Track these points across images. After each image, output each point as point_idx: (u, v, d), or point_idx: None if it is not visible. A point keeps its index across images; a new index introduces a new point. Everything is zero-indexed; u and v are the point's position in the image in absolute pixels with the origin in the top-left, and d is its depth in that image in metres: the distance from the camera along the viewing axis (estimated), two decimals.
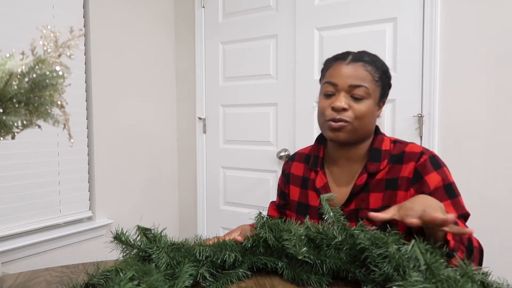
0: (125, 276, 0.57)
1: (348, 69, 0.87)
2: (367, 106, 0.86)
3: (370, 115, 0.88)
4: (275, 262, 0.75)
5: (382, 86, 0.90)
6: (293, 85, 1.94)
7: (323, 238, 0.71)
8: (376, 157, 0.89)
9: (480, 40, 1.51)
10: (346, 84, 0.86)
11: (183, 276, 0.64)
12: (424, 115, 1.62)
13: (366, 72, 0.86)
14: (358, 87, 0.85)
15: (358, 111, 0.86)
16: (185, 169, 2.35)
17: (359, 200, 0.89)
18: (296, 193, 1.01)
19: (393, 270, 0.59)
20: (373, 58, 0.90)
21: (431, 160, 0.85)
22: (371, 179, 0.89)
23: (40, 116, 0.51)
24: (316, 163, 0.98)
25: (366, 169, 0.89)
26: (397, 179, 0.86)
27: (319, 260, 0.70)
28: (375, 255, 0.63)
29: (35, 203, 1.63)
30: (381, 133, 0.95)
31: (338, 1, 1.80)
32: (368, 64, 0.87)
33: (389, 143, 0.92)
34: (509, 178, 1.49)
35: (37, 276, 0.80)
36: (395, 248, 0.61)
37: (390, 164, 0.88)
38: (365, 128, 0.89)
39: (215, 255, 0.73)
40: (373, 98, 0.87)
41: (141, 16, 2.09)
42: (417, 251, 0.58)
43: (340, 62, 0.89)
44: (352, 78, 0.86)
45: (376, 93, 0.89)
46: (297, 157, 1.06)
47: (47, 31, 0.50)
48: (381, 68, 0.90)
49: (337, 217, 0.74)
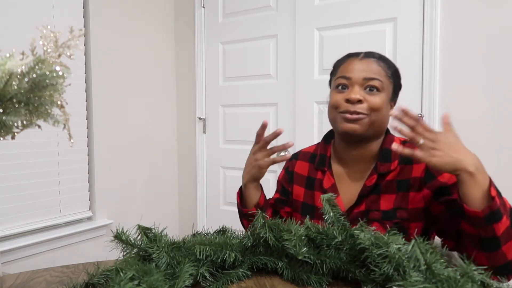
0: (125, 276, 0.57)
1: (361, 64, 0.88)
2: (382, 99, 0.86)
3: (385, 109, 0.87)
4: (275, 262, 0.75)
5: (394, 83, 0.90)
6: (293, 85, 1.94)
7: (323, 238, 0.71)
8: (386, 157, 0.88)
9: (480, 40, 1.51)
10: (360, 77, 0.86)
11: (183, 275, 0.64)
12: (424, 115, 1.62)
13: (379, 67, 0.87)
14: (372, 80, 0.86)
15: (373, 103, 0.85)
16: (185, 169, 2.35)
17: (369, 201, 0.87)
18: (300, 193, 0.99)
19: (393, 270, 0.59)
20: (384, 57, 0.92)
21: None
22: (382, 180, 0.87)
23: (40, 116, 0.51)
24: (323, 163, 0.96)
25: (376, 170, 0.87)
26: (409, 180, 0.85)
27: (319, 260, 0.69)
28: (375, 255, 0.62)
29: (35, 203, 1.63)
30: (391, 133, 0.94)
31: (338, 1, 1.80)
32: (380, 60, 0.89)
33: (399, 143, 0.90)
34: (509, 177, 1.49)
35: (37, 276, 0.80)
36: (395, 248, 0.61)
37: (401, 165, 0.87)
38: (381, 123, 0.88)
39: (215, 255, 0.72)
40: (386, 93, 0.87)
41: (141, 16, 2.09)
42: (417, 251, 0.58)
43: (353, 58, 0.90)
44: (366, 72, 0.86)
45: (389, 89, 0.89)
46: (301, 155, 1.04)
47: (47, 31, 0.50)
48: (393, 66, 0.91)
49: (337, 217, 0.74)
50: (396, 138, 0.92)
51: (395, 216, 0.84)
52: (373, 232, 0.67)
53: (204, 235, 0.81)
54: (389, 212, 0.85)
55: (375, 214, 0.86)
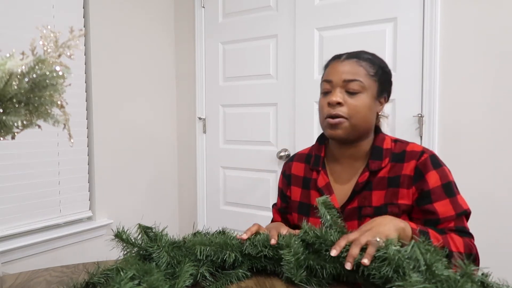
0: (125, 275, 0.57)
1: (342, 66, 0.90)
2: (363, 101, 0.88)
3: (367, 110, 0.89)
4: (274, 266, 0.75)
5: (379, 81, 0.91)
6: (293, 85, 1.94)
7: (322, 243, 0.70)
8: (377, 155, 0.91)
9: (480, 40, 1.51)
10: (340, 80, 0.88)
11: (183, 275, 0.64)
12: (424, 115, 1.61)
13: (361, 67, 0.89)
14: (352, 81, 0.88)
15: (353, 105, 0.87)
16: (185, 169, 2.35)
17: (361, 198, 0.90)
18: (297, 193, 1.01)
19: (393, 272, 0.59)
20: (370, 55, 0.93)
21: (432, 159, 0.87)
22: (373, 177, 0.89)
23: (40, 116, 0.51)
24: (318, 163, 0.98)
25: (368, 167, 0.90)
26: (399, 177, 0.87)
27: (319, 265, 0.69)
28: (374, 258, 0.62)
29: (35, 203, 1.63)
30: (382, 132, 0.96)
31: (338, 1, 1.80)
32: (362, 60, 0.90)
33: (390, 142, 0.93)
34: (509, 177, 1.49)
35: (37, 276, 0.80)
36: (394, 250, 0.61)
37: (391, 162, 0.90)
38: (364, 124, 0.89)
39: (215, 255, 0.73)
40: (369, 93, 0.89)
41: (141, 16, 2.09)
42: (417, 252, 0.58)
43: (335, 60, 0.93)
44: (346, 74, 0.88)
45: (373, 88, 0.90)
46: (296, 157, 1.07)
47: (47, 31, 0.50)
48: (378, 64, 0.92)
49: (334, 220, 0.74)
50: (387, 137, 0.94)
51: (387, 211, 0.86)
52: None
53: (205, 235, 0.81)
54: (380, 208, 0.87)
55: (368, 210, 0.88)
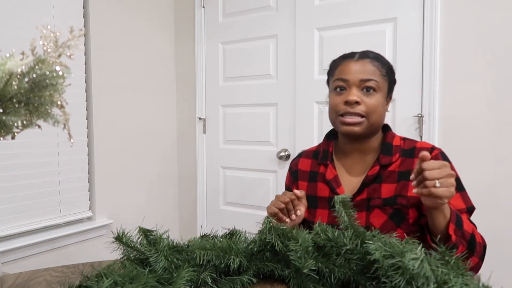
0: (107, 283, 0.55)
1: (357, 65, 0.92)
2: (378, 99, 0.91)
3: (381, 108, 0.92)
4: (282, 269, 0.71)
5: (389, 81, 0.95)
6: (293, 85, 1.94)
7: (333, 246, 0.67)
8: (388, 151, 0.94)
9: (480, 40, 1.51)
10: (357, 79, 0.90)
11: (178, 282, 0.61)
12: (424, 115, 1.61)
13: (374, 67, 0.91)
14: (368, 81, 0.90)
15: (370, 104, 0.90)
16: (185, 169, 2.35)
17: (371, 190, 0.91)
18: (304, 187, 1.02)
19: (405, 283, 0.54)
20: (378, 55, 0.96)
21: (442, 155, 0.91)
22: (384, 170, 0.92)
23: (40, 116, 0.51)
24: (326, 157, 1.01)
25: (379, 161, 0.92)
26: (410, 171, 0.89)
27: (327, 269, 0.65)
28: (386, 266, 0.57)
29: (35, 203, 1.63)
30: (391, 130, 0.99)
31: (338, 1, 1.80)
32: (374, 60, 0.93)
33: (399, 139, 0.96)
34: (509, 177, 1.49)
35: (37, 276, 0.80)
36: (410, 259, 0.54)
37: (402, 157, 0.92)
38: (379, 121, 0.93)
39: (217, 260, 0.69)
40: (382, 92, 0.92)
41: (141, 16, 2.09)
42: (426, 267, 0.52)
43: (348, 59, 0.94)
44: (362, 73, 0.91)
45: (385, 87, 0.93)
46: (304, 154, 1.09)
47: (47, 31, 0.50)
48: (387, 64, 0.95)
49: (351, 222, 0.69)
50: (396, 135, 0.98)
51: (396, 202, 0.88)
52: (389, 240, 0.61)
53: (212, 238, 0.78)
54: (390, 199, 0.89)
55: (376, 201, 0.90)
